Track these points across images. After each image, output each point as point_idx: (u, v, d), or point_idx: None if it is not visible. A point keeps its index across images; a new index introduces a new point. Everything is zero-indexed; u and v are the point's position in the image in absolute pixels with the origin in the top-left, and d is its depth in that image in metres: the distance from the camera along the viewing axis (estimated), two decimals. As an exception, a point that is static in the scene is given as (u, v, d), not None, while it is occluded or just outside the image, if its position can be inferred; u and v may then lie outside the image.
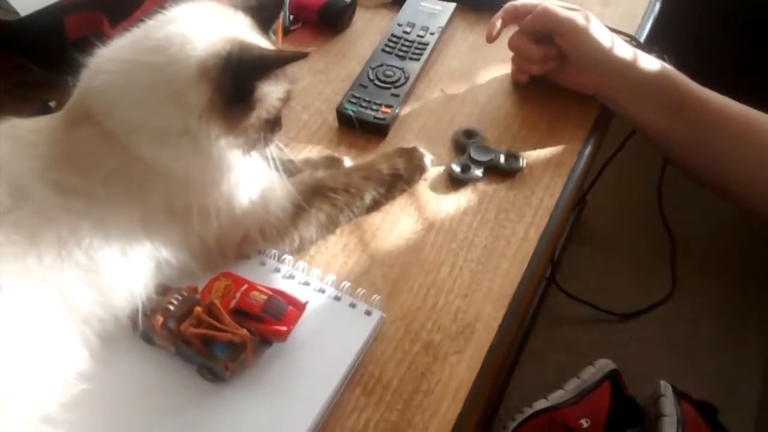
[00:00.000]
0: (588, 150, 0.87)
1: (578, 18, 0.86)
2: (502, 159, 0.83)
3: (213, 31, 0.64)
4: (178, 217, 0.65)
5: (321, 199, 0.75)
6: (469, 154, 0.83)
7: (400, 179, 0.80)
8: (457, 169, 0.82)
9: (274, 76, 0.64)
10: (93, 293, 0.61)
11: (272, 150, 0.69)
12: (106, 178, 0.62)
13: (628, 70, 0.86)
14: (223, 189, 0.67)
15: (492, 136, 0.87)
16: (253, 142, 0.66)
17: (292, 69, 0.67)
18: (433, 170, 0.83)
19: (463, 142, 0.85)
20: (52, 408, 0.57)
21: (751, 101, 0.86)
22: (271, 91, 0.65)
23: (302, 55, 0.64)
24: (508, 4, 0.92)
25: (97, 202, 0.61)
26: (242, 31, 0.67)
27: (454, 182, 0.83)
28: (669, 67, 0.87)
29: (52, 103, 0.88)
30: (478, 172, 0.82)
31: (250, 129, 0.65)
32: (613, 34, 0.88)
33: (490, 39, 0.91)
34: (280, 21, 1.01)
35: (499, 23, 0.91)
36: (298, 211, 0.73)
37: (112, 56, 0.65)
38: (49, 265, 0.58)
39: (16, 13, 0.81)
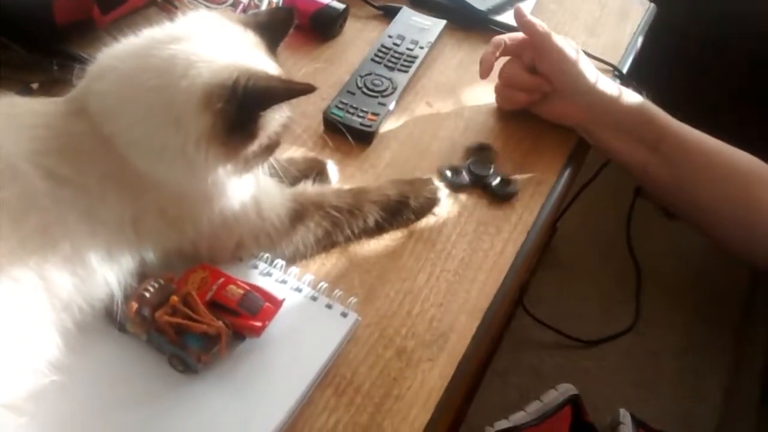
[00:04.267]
0: (568, 170, 0.89)
1: (570, 49, 0.88)
2: (495, 181, 0.84)
3: (219, 54, 0.61)
4: (170, 224, 0.64)
5: (322, 214, 0.74)
6: (469, 166, 0.85)
7: (407, 208, 0.79)
8: (447, 173, 0.84)
9: (278, 106, 0.63)
10: (75, 282, 0.59)
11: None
12: (101, 176, 0.61)
13: (610, 103, 0.88)
14: (215, 202, 0.66)
15: (475, 151, 0.89)
16: (250, 167, 0.66)
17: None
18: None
19: (473, 153, 0.87)
20: (19, 396, 0.55)
21: (730, 136, 0.88)
22: (273, 119, 0.63)
23: (310, 89, 0.62)
24: (495, 39, 0.93)
25: (89, 195, 0.60)
26: (250, 53, 0.65)
27: (443, 182, 0.83)
28: (648, 102, 0.90)
29: (35, 85, 0.87)
30: (466, 178, 0.84)
31: (250, 155, 0.64)
32: (598, 72, 0.90)
33: (485, 76, 0.92)
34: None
35: (491, 58, 0.92)
36: (294, 222, 0.72)
37: (116, 64, 0.63)
38: (32, 250, 0.57)
39: (6, -9, 0.80)
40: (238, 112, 0.60)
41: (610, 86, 0.89)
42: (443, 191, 0.82)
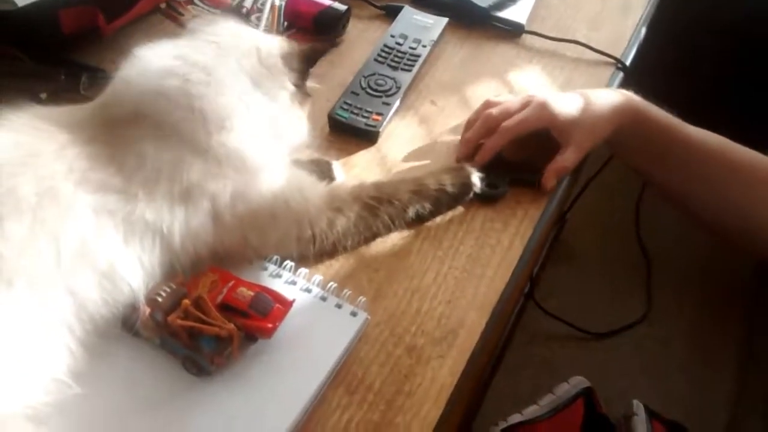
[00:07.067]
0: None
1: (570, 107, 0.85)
2: (483, 185, 0.83)
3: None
4: (218, 217, 0.67)
5: (361, 206, 0.75)
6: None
7: (446, 195, 0.80)
8: (480, 185, 0.82)
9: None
10: (104, 295, 0.61)
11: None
12: (150, 179, 0.64)
13: (618, 119, 0.85)
14: (270, 180, 0.71)
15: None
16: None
17: None
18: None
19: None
20: (41, 407, 0.56)
21: (731, 129, 0.88)
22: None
23: (333, 43, 0.88)
24: (486, 114, 0.87)
25: (133, 201, 0.63)
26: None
27: (480, 198, 0.82)
28: (656, 111, 0.87)
29: (43, 95, 0.88)
30: (504, 186, 0.83)
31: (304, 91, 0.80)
32: (583, 91, 0.87)
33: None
34: (274, 26, 1.03)
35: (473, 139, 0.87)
36: (335, 212, 0.74)
37: (181, 56, 0.70)
38: (66, 266, 0.59)
39: (13, 3, 0.81)
40: (303, 68, 0.78)
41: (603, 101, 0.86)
42: (476, 175, 0.82)
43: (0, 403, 0.54)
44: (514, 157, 0.86)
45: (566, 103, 0.85)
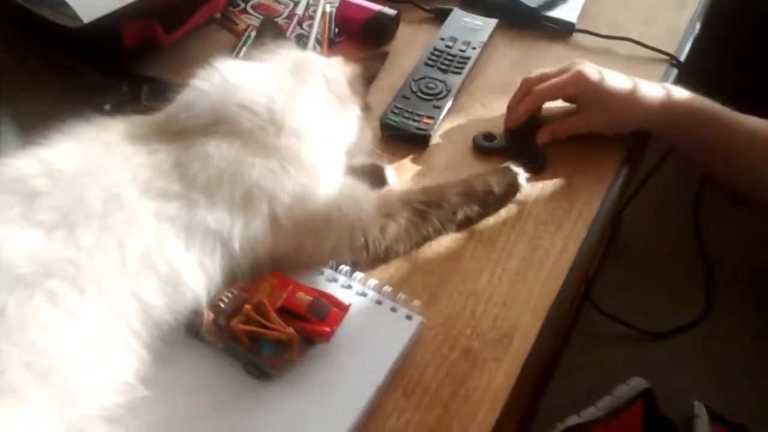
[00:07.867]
0: (628, 163, 0.88)
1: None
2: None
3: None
4: (277, 222, 0.69)
5: (410, 211, 0.76)
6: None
7: (492, 196, 0.80)
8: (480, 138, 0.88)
9: None
10: (167, 301, 0.63)
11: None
12: (210, 187, 0.66)
13: (657, 112, 0.86)
14: (326, 186, 0.73)
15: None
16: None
17: None
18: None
19: None
20: (115, 409, 0.59)
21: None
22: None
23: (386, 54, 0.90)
24: (524, 79, 0.91)
25: (194, 207, 0.65)
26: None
27: (478, 150, 0.88)
28: (701, 103, 0.86)
29: (107, 107, 0.92)
30: (503, 141, 0.87)
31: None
32: (634, 78, 0.87)
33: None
34: (325, 33, 1.04)
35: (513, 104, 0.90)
36: (385, 218, 0.75)
37: (266, 74, 0.76)
38: (131, 272, 0.61)
39: (79, 19, 0.84)
40: (366, 89, 0.84)
41: (653, 90, 0.87)
42: (523, 176, 0.82)
43: (78, 405, 0.57)
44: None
45: (606, 77, 0.86)
